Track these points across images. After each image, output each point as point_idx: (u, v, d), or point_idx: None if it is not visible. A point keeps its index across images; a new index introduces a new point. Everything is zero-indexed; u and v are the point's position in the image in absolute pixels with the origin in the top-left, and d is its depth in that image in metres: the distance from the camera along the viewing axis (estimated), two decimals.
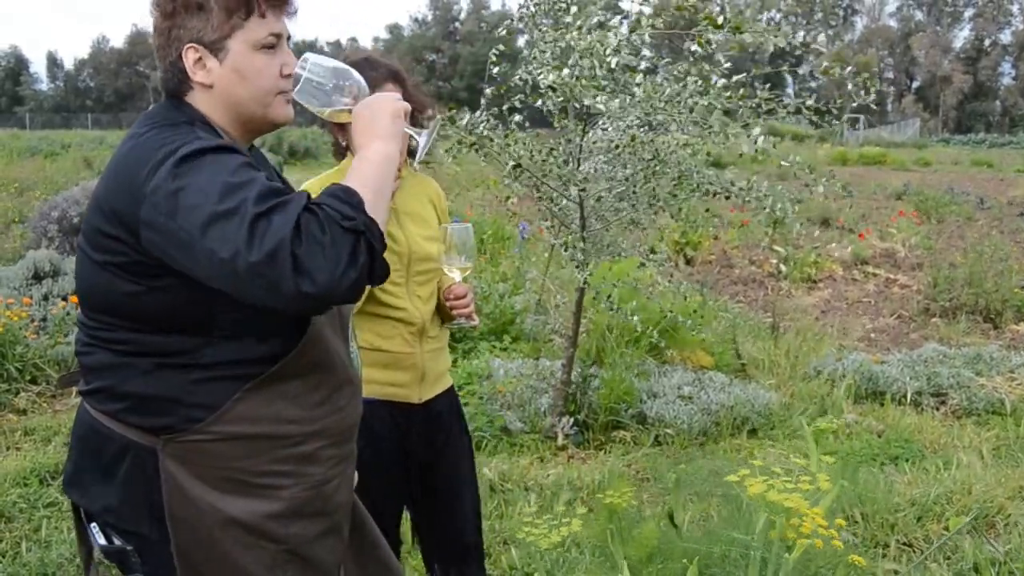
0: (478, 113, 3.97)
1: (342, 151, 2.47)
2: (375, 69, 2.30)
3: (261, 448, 1.59)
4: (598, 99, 3.50)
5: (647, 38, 3.65)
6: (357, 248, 1.40)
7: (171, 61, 1.61)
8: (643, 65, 4.00)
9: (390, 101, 1.65)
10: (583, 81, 3.54)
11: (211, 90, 1.61)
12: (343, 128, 2.31)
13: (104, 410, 1.61)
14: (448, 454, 2.58)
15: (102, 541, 1.65)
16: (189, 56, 1.59)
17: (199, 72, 1.60)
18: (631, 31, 3.57)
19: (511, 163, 4.03)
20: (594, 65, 3.53)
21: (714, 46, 3.60)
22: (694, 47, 3.61)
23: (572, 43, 3.59)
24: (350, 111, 1.67)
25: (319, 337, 1.63)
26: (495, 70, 3.98)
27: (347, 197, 1.44)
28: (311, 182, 2.43)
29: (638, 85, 3.65)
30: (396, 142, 1.60)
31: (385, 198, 1.52)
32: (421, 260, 2.42)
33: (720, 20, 3.44)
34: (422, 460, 2.53)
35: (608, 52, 3.52)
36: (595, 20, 3.56)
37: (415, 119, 2.35)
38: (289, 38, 1.67)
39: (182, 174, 1.43)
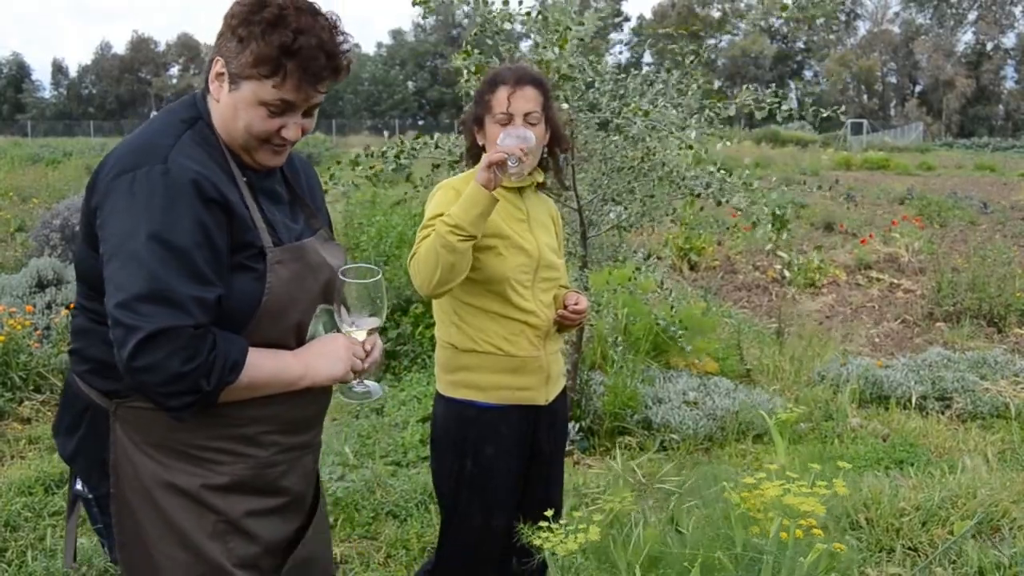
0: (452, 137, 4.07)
1: (476, 155, 2.54)
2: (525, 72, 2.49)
3: (201, 424, 1.69)
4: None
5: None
6: (186, 398, 1.56)
7: (208, 60, 1.76)
8: (644, 70, 4.02)
9: (344, 352, 1.77)
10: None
11: (216, 104, 1.75)
12: (480, 131, 2.50)
13: (76, 370, 1.79)
14: (559, 448, 2.71)
15: (78, 486, 1.81)
16: (216, 66, 1.72)
17: (214, 83, 1.74)
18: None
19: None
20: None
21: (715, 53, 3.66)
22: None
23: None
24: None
25: (266, 329, 1.71)
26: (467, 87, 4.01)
27: (230, 368, 1.60)
28: (451, 181, 2.50)
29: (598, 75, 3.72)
30: (311, 382, 1.75)
31: (256, 394, 1.69)
32: (546, 267, 2.53)
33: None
34: (544, 457, 2.63)
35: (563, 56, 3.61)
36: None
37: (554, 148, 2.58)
38: (316, 107, 1.75)
39: (135, 192, 1.57)
